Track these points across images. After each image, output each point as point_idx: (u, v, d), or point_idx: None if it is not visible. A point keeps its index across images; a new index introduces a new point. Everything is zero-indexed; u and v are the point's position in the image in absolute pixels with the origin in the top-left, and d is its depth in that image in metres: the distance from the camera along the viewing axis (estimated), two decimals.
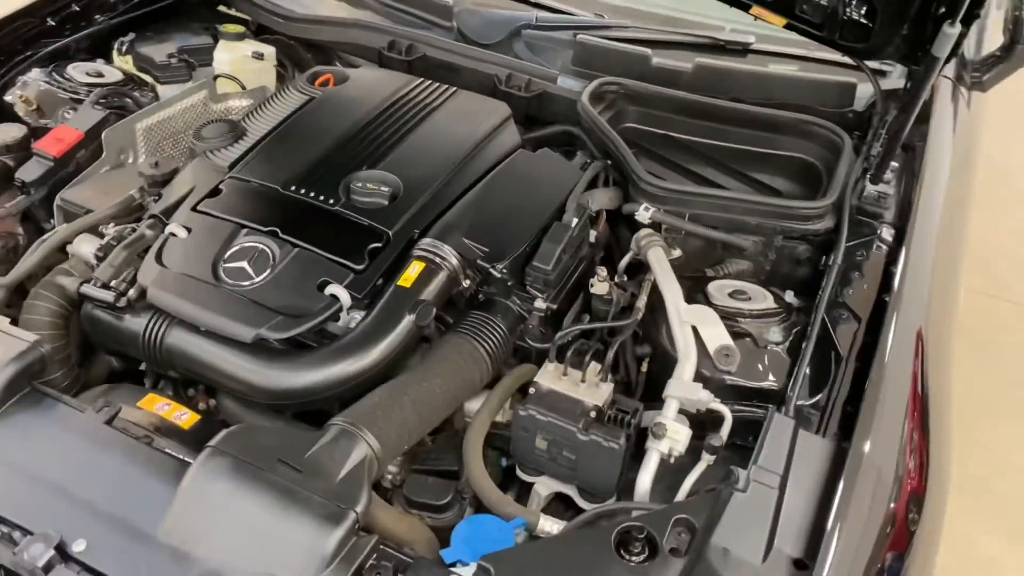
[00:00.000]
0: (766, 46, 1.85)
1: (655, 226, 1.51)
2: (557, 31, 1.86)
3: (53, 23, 1.89)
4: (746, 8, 1.60)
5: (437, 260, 1.37)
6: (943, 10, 1.34)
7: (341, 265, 1.34)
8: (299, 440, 1.14)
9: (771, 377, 1.31)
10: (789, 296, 1.45)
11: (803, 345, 1.27)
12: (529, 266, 1.39)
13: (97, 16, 1.93)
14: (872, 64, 1.65)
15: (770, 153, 1.72)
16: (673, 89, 1.74)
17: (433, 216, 1.44)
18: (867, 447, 1.11)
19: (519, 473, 1.32)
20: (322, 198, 1.43)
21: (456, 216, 1.45)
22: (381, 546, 1.05)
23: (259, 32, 2.02)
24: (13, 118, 1.69)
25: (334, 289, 1.31)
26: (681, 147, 1.75)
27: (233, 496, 1.06)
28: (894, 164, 1.60)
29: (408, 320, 1.30)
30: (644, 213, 1.49)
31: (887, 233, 1.48)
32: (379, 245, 1.38)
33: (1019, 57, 1.93)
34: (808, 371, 1.25)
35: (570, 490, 1.29)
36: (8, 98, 1.72)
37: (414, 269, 1.35)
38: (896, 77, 1.75)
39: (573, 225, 1.44)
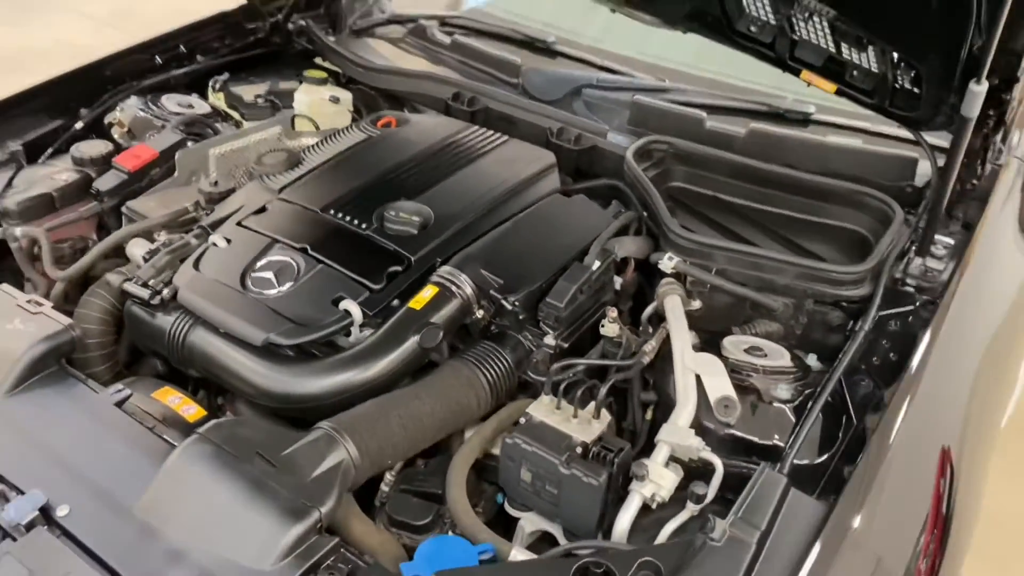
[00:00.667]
0: (826, 117, 1.82)
1: (679, 277, 1.49)
2: (616, 92, 1.89)
3: (160, 61, 2.08)
4: (796, 73, 1.59)
5: (452, 287, 1.40)
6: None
7: (359, 283, 1.40)
8: (281, 437, 1.18)
9: (774, 434, 1.25)
10: (811, 359, 1.39)
11: (810, 404, 1.22)
12: (543, 302, 1.40)
13: (199, 56, 2.11)
14: (931, 138, 1.60)
15: (820, 222, 1.68)
16: (724, 152, 1.74)
17: (458, 247, 1.47)
18: (857, 522, 1.05)
19: (507, 507, 1.30)
20: (355, 222, 1.50)
21: (479, 249, 1.48)
22: (341, 549, 1.06)
23: (348, 83, 2.16)
24: (108, 139, 1.86)
25: (347, 304, 1.35)
26: (728, 209, 1.73)
27: (207, 481, 1.10)
28: (949, 241, 1.53)
29: (413, 340, 1.33)
30: (668, 263, 1.47)
31: (928, 310, 1.41)
32: (399, 268, 1.43)
33: None
34: (818, 434, 1.20)
35: (555, 529, 1.26)
36: (107, 120, 1.89)
37: (427, 292, 1.39)
38: None
39: (594, 268, 1.44)
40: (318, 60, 2.25)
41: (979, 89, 1.18)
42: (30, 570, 1.03)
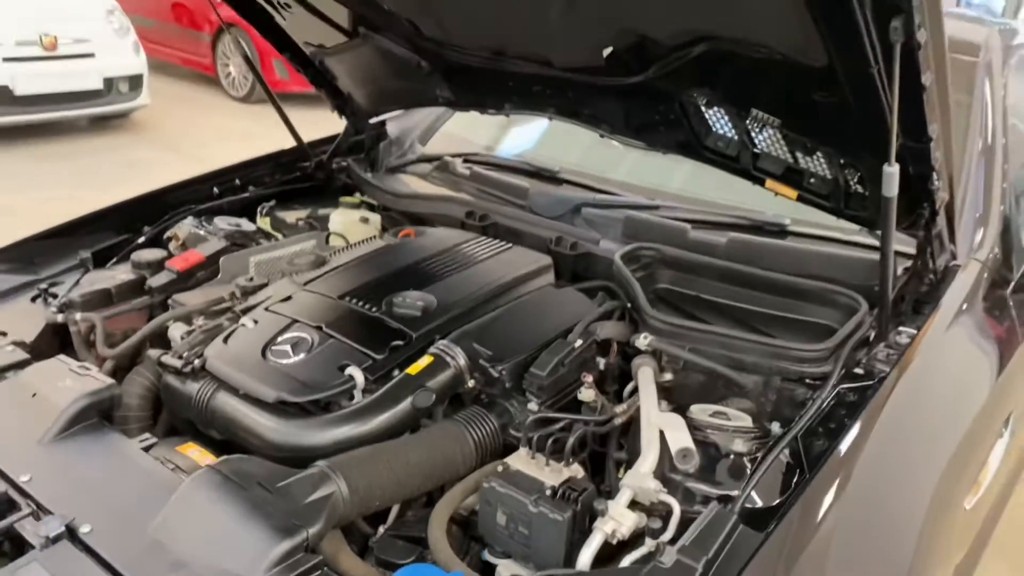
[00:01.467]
0: (801, 228, 1.99)
1: (655, 355, 1.63)
2: (612, 209, 2.11)
3: (217, 191, 2.39)
4: (761, 182, 1.79)
5: (447, 357, 1.57)
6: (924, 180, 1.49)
7: (364, 354, 1.58)
8: (281, 472, 1.33)
9: (730, 483, 1.35)
10: (774, 426, 1.50)
11: (762, 455, 1.33)
12: (527, 372, 1.55)
13: (251, 188, 2.42)
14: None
15: (795, 319, 1.82)
16: (707, 257, 1.91)
17: (455, 327, 1.66)
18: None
19: (486, 555, 1.40)
20: (366, 307, 1.70)
21: (474, 327, 1.66)
22: (325, 567, 1.19)
23: (379, 209, 2.43)
24: (165, 250, 2.13)
25: (352, 370, 1.53)
26: (710, 308, 1.88)
27: (212, 503, 1.25)
28: (913, 331, 1.65)
29: (407, 401, 1.49)
30: (643, 341, 1.62)
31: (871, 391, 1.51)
32: (401, 343, 1.61)
33: None
34: (772, 484, 1.30)
35: (529, 573, 1.35)
36: (165, 236, 2.17)
37: (423, 361, 1.56)
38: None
39: (576, 345, 1.60)
40: (357, 196, 2.53)
41: (891, 170, 1.35)
42: (52, 574, 1.18)
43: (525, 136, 2.75)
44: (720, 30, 1.45)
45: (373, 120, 2.61)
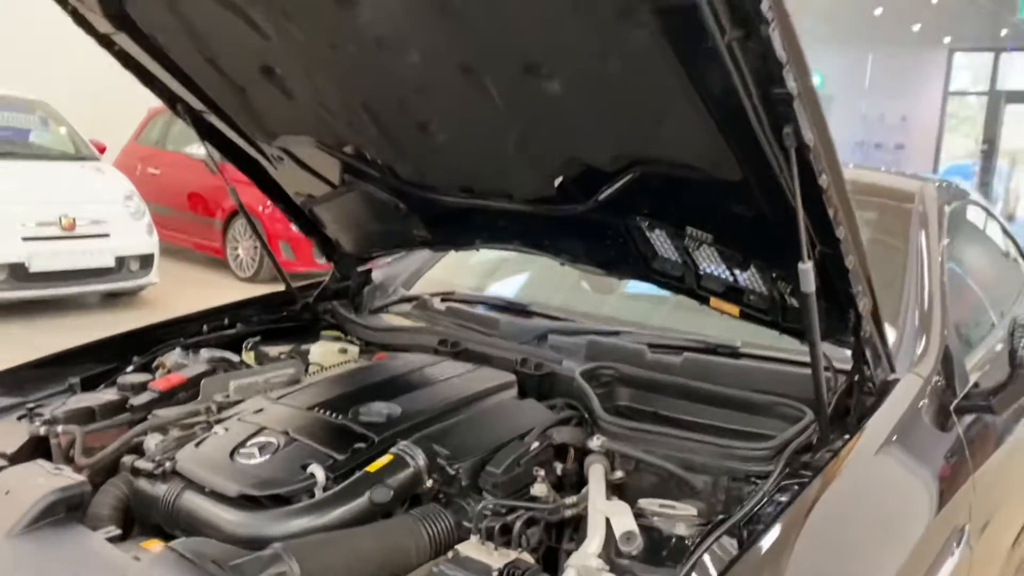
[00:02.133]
0: (752, 350, 2.10)
1: (609, 456, 1.70)
2: (576, 336, 2.24)
3: (207, 328, 2.53)
4: (706, 301, 1.92)
5: (406, 457, 1.64)
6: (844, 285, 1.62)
7: (327, 454, 1.65)
8: (235, 553, 1.37)
9: (672, 564, 1.39)
10: (719, 518, 1.54)
11: (702, 537, 1.37)
12: (484, 470, 1.62)
13: (239, 324, 2.56)
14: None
15: (747, 431, 1.89)
16: (663, 374, 2.02)
17: (418, 432, 1.74)
18: None
19: None
20: (332, 415, 1.79)
21: (434, 431, 1.74)
22: None
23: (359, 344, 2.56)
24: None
25: (313, 467, 1.60)
26: (668, 423, 1.96)
27: None
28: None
29: (365, 496, 1.55)
30: (596, 442, 1.70)
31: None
32: (363, 445, 1.68)
33: (1022, 382, 2.06)
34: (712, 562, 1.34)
35: None
36: (153, 365, 2.29)
37: (383, 459, 1.63)
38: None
39: (533, 447, 1.68)
40: (336, 333, 2.66)
41: (805, 267, 1.48)
42: None
43: (508, 285, 2.93)
44: (649, 153, 1.63)
45: (361, 268, 2.79)
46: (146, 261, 7.12)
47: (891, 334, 1.99)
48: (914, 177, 2.87)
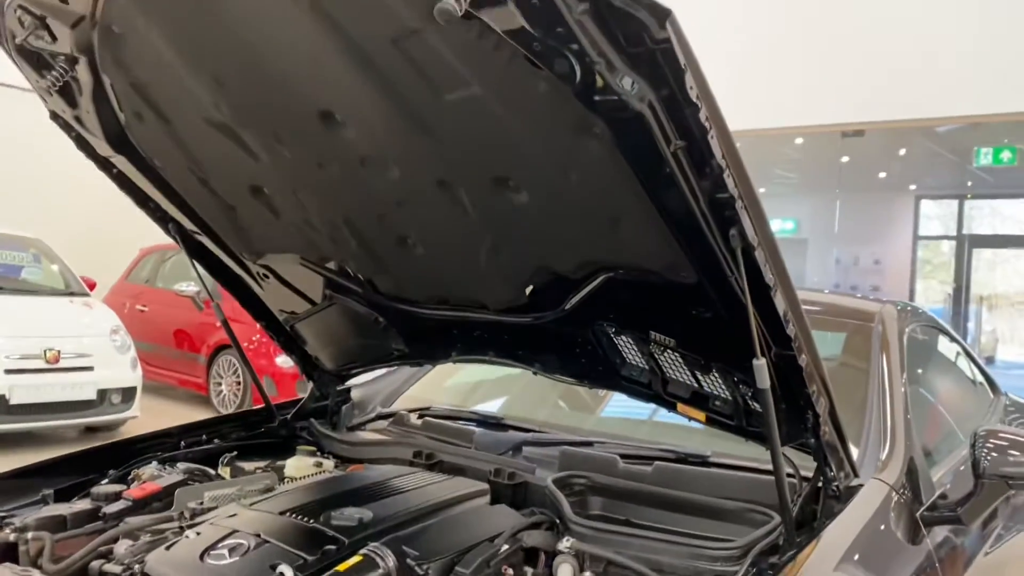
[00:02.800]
0: (722, 459, 2.15)
1: (578, 557, 1.71)
2: (550, 446, 2.28)
3: (184, 444, 2.55)
4: (673, 407, 1.99)
5: (375, 557, 1.64)
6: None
7: (297, 555, 1.66)
8: None
9: None
10: None
11: None
12: (453, 571, 1.63)
13: (216, 440, 2.58)
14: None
15: (717, 538, 1.91)
16: (635, 483, 2.05)
17: (389, 535, 1.75)
18: None
19: None
20: (305, 520, 1.80)
21: (405, 533, 1.75)
22: None
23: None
24: None
25: (283, 568, 1.60)
26: (640, 530, 1.98)
27: None
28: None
29: None
30: (565, 543, 1.71)
31: None
32: (334, 547, 1.69)
33: (987, 491, 2.11)
34: None
35: None
36: (128, 478, 2.29)
37: (353, 559, 1.64)
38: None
39: (502, 550, 1.69)
40: (312, 448, 2.68)
41: (759, 363, 1.56)
42: None
43: (485, 404, 2.99)
44: (611, 259, 1.74)
45: (340, 387, 2.84)
46: (128, 395, 7.10)
47: (855, 445, 2.04)
48: (875, 300, 2.99)
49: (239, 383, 8.47)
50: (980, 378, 3.48)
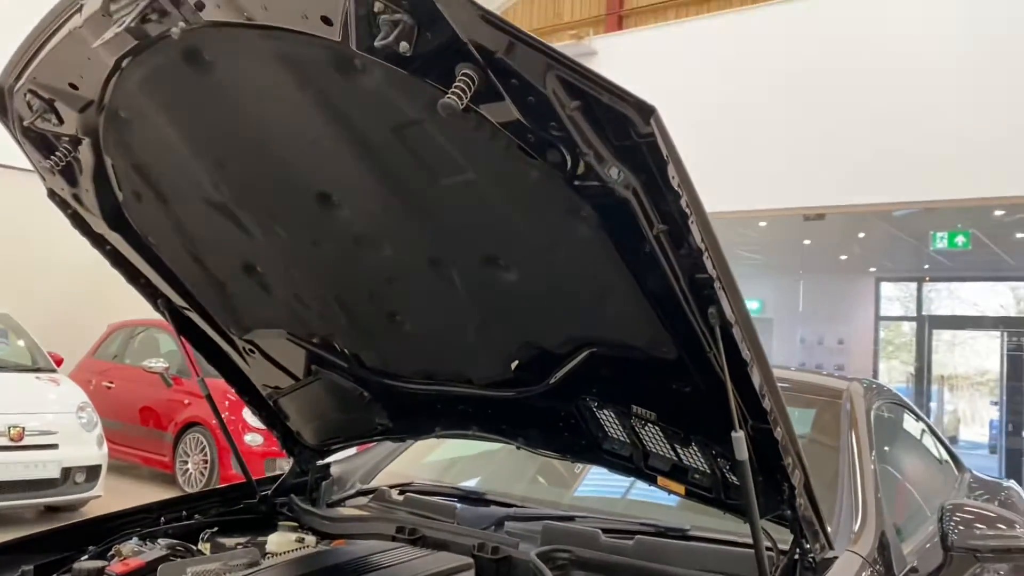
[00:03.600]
0: (702, 532, 2.19)
1: None
2: (533, 521, 2.31)
3: (164, 520, 2.54)
4: (653, 480, 2.04)
5: None
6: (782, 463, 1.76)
7: None
8: None
9: None
10: None
11: None
12: None
13: (196, 516, 2.57)
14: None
15: None
16: (616, 556, 2.09)
17: None
18: None
19: None
20: None
21: None
22: None
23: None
24: None
25: None
26: None
27: None
28: None
29: None
30: None
31: None
32: None
33: (956, 564, 2.18)
34: None
35: None
36: (109, 554, 2.28)
37: None
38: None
39: None
40: (294, 524, 2.68)
41: (737, 435, 1.63)
42: None
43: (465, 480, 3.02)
44: (595, 334, 1.82)
45: (320, 462, 2.86)
46: (92, 473, 6.96)
47: (828, 519, 2.10)
48: (842, 377, 3.10)
49: (206, 461, 8.34)
50: (945, 455, 3.58)
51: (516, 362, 2.02)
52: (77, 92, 1.84)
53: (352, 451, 3.02)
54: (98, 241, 2.34)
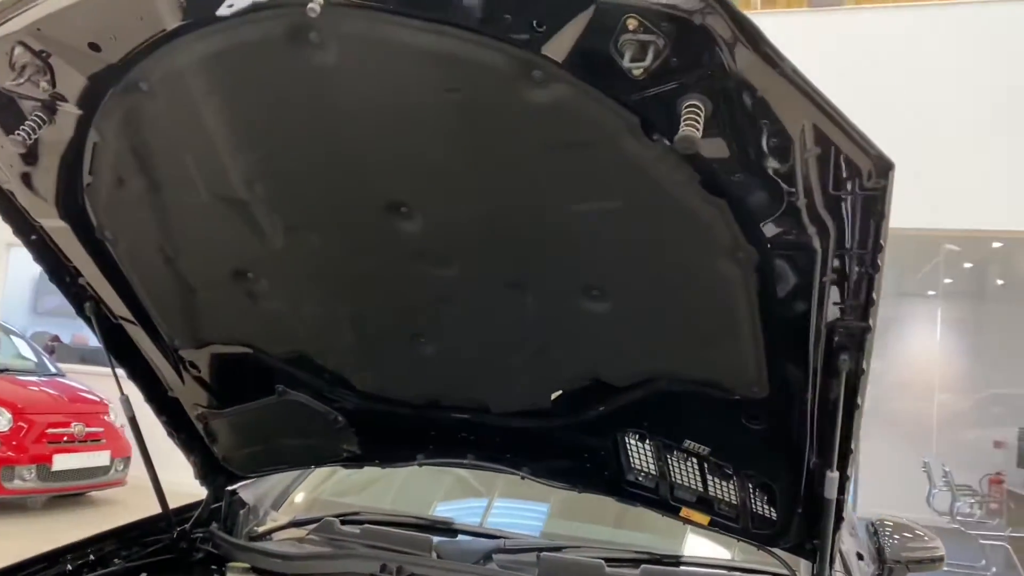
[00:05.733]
0: (703, 558, 2.22)
1: None
2: (523, 553, 2.20)
3: (71, 567, 2.11)
4: (677, 511, 2.04)
5: None
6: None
7: None
8: None
9: None
10: None
11: None
12: None
13: (116, 560, 2.17)
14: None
15: None
16: None
17: None
18: None
19: None
20: None
21: None
22: None
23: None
24: None
25: None
26: None
27: None
28: None
29: None
30: None
31: None
32: None
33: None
34: None
35: None
36: None
37: None
38: None
39: None
40: (233, 564, 2.34)
41: (833, 475, 1.67)
42: None
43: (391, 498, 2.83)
44: (675, 370, 1.77)
45: (229, 487, 2.53)
46: None
47: None
48: None
49: None
50: None
51: (559, 392, 1.91)
52: (98, 54, 1.47)
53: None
54: (24, 229, 1.90)
